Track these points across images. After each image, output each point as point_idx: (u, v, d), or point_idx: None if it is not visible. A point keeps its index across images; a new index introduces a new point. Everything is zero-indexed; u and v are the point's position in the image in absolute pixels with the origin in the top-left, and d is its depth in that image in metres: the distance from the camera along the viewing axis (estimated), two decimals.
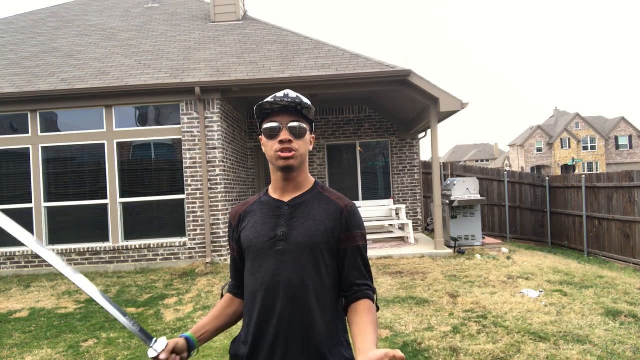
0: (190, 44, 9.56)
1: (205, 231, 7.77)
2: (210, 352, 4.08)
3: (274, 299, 1.38)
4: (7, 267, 7.84)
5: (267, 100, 1.41)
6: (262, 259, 1.42)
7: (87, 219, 8.02)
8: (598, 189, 10.42)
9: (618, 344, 3.88)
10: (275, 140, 1.41)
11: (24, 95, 7.78)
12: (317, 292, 1.39)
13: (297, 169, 1.46)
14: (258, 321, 1.40)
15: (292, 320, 1.37)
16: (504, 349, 3.82)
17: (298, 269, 1.39)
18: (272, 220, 1.45)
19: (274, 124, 1.42)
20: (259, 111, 1.45)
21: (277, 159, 1.42)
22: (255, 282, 1.42)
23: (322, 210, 1.46)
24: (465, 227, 8.68)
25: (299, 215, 1.44)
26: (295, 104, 1.41)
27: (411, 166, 11.03)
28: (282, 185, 1.48)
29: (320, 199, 1.48)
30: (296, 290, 1.37)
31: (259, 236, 1.44)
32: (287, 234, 1.41)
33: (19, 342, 4.58)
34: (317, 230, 1.41)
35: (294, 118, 1.42)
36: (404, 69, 7.85)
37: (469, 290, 5.59)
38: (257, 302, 1.40)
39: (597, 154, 48.63)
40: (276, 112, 1.42)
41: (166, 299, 5.83)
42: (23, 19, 11.56)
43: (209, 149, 7.91)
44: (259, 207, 1.52)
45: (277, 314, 1.37)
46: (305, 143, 1.45)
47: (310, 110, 1.45)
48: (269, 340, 1.38)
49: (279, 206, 1.47)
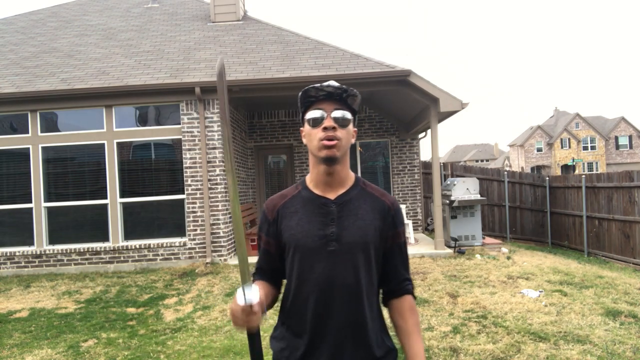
0: (190, 44, 9.56)
1: (205, 231, 7.77)
2: (210, 352, 4.08)
3: (329, 299, 1.38)
4: (7, 267, 7.84)
5: (313, 87, 1.39)
6: (313, 260, 1.39)
7: (87, 219, 8.02)
8: (598, 189, 10.42)
9: (618, 344, 3.88)
10: (319, 128, 1.38)
11: (24, 95, 7.78)
12: (368, 290, 1.41)
13: (340, 161, 1.42)
14: (312, 321, 1.39)
15: (348, 320, 1.38)
16: (504, 349, 3.82)
17: (353, 270, 1.38)
18: (319, 218, 1.41)
19: (318, 111, 1.39)
20: (303, 98, 1.42)
21: (320, 148, 1.38)
22: (308, 282, 1.40)
23: (370, 208, 1.44)
24: (465, 227, 8.68)
25: (347, 214, 1.42)
26: (341, 91, 1.38)
27: (411, 166, 11.03)
28: (325, 180, 1.44)
29: (366, 196, 1.46)
30: (351, 291, 1.38)
31: (308, 235, 1.40)
32: (338, 234, 1.39)
33: (19, 342, 4.58)
34: (368, 230, 1.41)
35: (338, 106, 1.39)
36: (404, 69, 7.85)
37: (469, 290, 5.58)
38: (310, 302, 1.39)
39: (597, 154, 48.63)
40: (321, 99, 1.40)
41: (166, 299, 5.83)
42: (23, 19, 11.56)
43: (209, 149, 7.91)
44: (300, 202, 1.46)
45: (333, 315, 1.38)
46: (348, 134, 1.41)
47: (355, 98, 1.42)
48: (325, 339, 1.38)
49: (325, 203, 1.43)
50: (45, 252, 7.85)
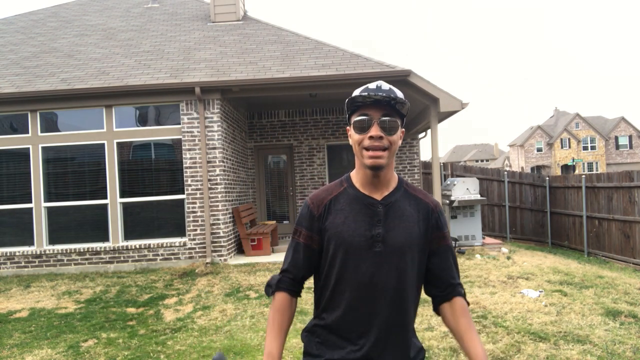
0: (190, 44, 9.56)
1: (205, 231, 7.77)
2: (210, 352, 4.08)
3: (372, 300, 1.39)
4: (7, 267, 7.84)
5: (360, 94, 1.37)
6: (358, 260, 1.39)
7: (87, 219, 8.02)
8: (598, 189, 10.42)
9: (618, 344, 3.88)
10: (365, 135, 1.37)
11: (24, 95, 7.78)
12: (410, 292, 1.42)
13: (385, 168, 1.41)
14: (353, 321, 1.40)
15: (389, 321, 1.39)
16: (504, 349, 3.82)
17: (397, 272, 1.39)
18: (366, 218, 1.42)
19: (364, 117, 1.37)
20: (350, 104, 1.41)
21: (365, 157, 1.37)
22: (350, 281, 1.40)
23: (414, 210, 1.45)
24: (465, 227, 8.67)
25: (393, 216, 1.42)
26: (390, 99, 1.36)
27: (411, 166, 11.03)
28: (372, 182, 1.44)
29: (410, 198, 1.47)
30: (395, 293, 1.39)
31: (354, 235, 1.40)
32: (384, 235, 1.40)
33: (19, 342, 4.58)
34: (413, 232, 1.42)
35: (386, 112, 1.37)
36: (404, 69, 7.85)
37: (469, 290, 5.58)
38: (352, 301, 1.40)
39: (597, 154, 48.63)
40: (368, 105, 1.38)
41: (166, 299, 5.83)
42: (23, 19, 11.56)
43: (209, 149, 7.91)
44: (347, 200, 1.46)
45: (375, 315, 1.39)
46: (396, 139, 1.40)
47: (404, 105, 1.40)
48: (365, 339, 1.39)
49: (372, 204, 1.43)
50: (45, 252, 7.85)
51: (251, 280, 6.47)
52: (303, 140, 10.88)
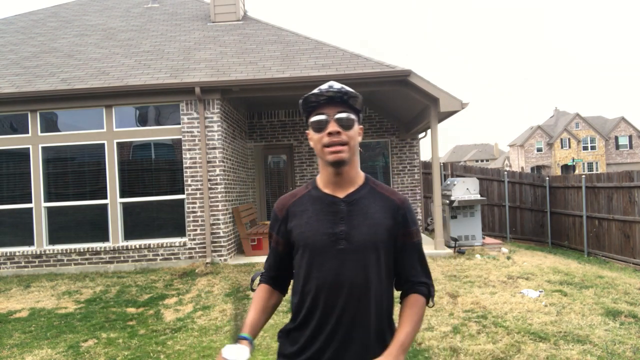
0: (190, 44, 9.56)
1: (205, 231, 7.77)
2: (210, 352, 4.08)
3: (337, 298, 1.38)
4: (7, 267, 7.84)
5: (313, 93, 1.38)
6: (322, 258, 1.40)
7: (87, 219, 8.02)
8: (598, 189, 10.42)
9: (618, 344, 3.88)
10: (324, 133, 1.38)
11: (24, 95, 7.77)
12: (376, 290, 1.41)
13: (349, 163, 1.42)
14: (320, 319, 1.40)
15: (354, 318, 1.39)
16: (504, 349, 3.82)
17: (362, 269, 1.39)
18: (328, 217, 1.42)
19: (321, 116, 1.39)
20: (304, 105, 1.42)
21: (326, 153, 1.38)
22: (317, 281, 1.41)
23: (380, 207, 1.44)
24: (465, 227, 8.67)
25: (357, 213, 1.42)
26: (341, 94, 1.38)
27: (411, 166, 11.04)
28: (334, 180, 1.44)
29: (376, 195, 1.46)
30: (360, 291, 1.38)
31: (317, 234, 1.41)
32: (348, 232, 1.39)
33: (19, 342, 4.59)
34: (378, 230, 1.41)
35: (341, 109, 1.39)
36: (404, 69, 7.85)
37: (469, 290, 5.59)
38: (319, 301, 1.40)
39: (597, 154, 48.63)
40: (322, 104, 1.39)
41: (166, 299, 5.83)
42: (23, 19, 11.56)
43: (209, 149, 7.91)
44: (309, 201, 1.47)
45: (339, 313, 1.38)
46: (354, 134, 1.41)
47: (357, 99, 1.41)
48: (330, 336, 1.39)
49: (334, 202, 1.43)
50: (45, 252, 7.85)
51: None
52: (303, 140, 10.88)
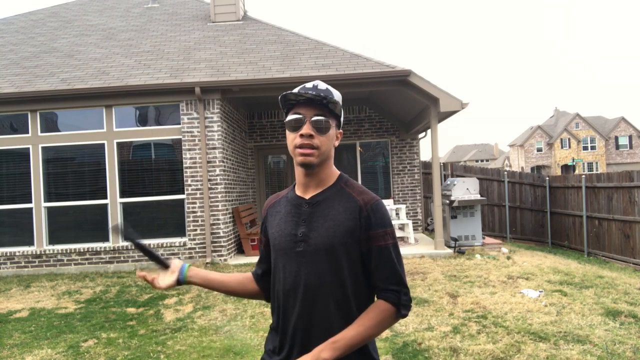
0: (190, 44, 9.56)
1: (205, 231, 7.77)
2: (210, 352, 4.09)
3: (295, 300, 1.37)
4: (7, 267, 7.84)
5: (293, 91, 1.35)
6: (285, 260, 1.40)
7: (87, 219, 8.02)
8: (598, 189, 10.42)
9: (618, 344, 3.88)
10: (297, 134, 1.35)
11: (24, 95, 7.77)
12: (336, 294, 1.35)
13: (318, 166, 1.39)
14: (282, 320, 1.41)
15: (312, 322, 1.36)
16: (504, 349, 3.82)
17: (317, 272, 1.35)
18: (293, 219, 1.42)
19: (297, 116, 1.36)
20: (283, 101, 1.39)
21: (296, 154, 1.36)
22: (280, 282, 1.41)
23: (343, 209, 1.38)
24: (465, 227, 8.67)
25: (318, 215, 1.39)
26: (321, 98, 1.33)
27: (411, 166, 11.03)
28: (304, 181, 1.43)
29: (342, 196, 1.41)
30: (315, 293, 1.35)
31: (282, 235, 1.42)
32: (307, 234, 1.37)
33: (19, 342, 4.58)
34: (337, 232, 1.35)
35: (318, 112, 1.35)
36: (404, 69, 7.85)
37: (469, 290, 5.58)
38: (281, 302, 1.41)
39: (597, 154, 48.63)
40: (301, 103, 1.36)
41: (166, 299, 5.83)
42: (23, 19, 11.56)
43: (209, 149, 7.91)
44: (285, 203, 1.48)
45: (296, 316, 1.37)
46: (328, 139, 1.37)
47: (336, 105, 1.37)
48: (293, 339, 1.38)
49: (299, 204, 1.43)
50: (45, 252, 7.85)
51: None
52: None
